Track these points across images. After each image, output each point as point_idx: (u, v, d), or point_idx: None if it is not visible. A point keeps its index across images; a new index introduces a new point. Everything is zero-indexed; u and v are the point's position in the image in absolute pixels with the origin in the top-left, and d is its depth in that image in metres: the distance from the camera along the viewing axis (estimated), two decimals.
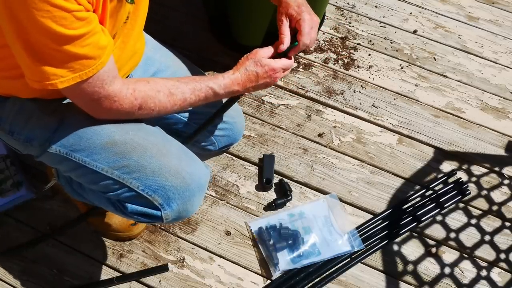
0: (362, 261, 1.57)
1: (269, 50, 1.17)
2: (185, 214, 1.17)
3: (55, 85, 0.91)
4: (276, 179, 1.71)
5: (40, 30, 0.84)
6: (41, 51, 0.87)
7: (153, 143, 1.12)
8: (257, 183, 1.70)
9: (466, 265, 1.60)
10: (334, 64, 2.07)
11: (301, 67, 2.04)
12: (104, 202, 1.18)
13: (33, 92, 1.08)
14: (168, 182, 1.10)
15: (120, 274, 1.48)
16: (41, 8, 0.81)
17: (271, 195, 1.68)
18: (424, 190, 1.72)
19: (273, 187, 1.69)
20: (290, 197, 1.65)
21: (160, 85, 1.08)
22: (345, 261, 1.55)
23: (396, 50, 2.15)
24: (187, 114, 1.36)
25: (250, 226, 1.59)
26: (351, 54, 2.11)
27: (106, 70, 0.95)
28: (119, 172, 1.09)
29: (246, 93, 1.23)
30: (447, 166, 1.81)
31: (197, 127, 1.31)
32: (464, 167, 1.82)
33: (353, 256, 1.56)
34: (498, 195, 1.76)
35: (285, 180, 1.70)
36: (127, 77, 1.23)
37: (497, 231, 1.68)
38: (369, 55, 2.12)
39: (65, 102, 1.13)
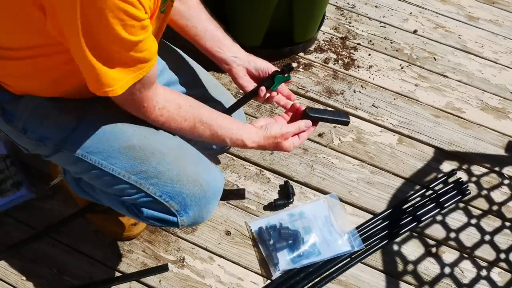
0: (362, 261, 1.56)
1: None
2: (199, 220, 1.17)
3: (114, 92, 0.91)
4: (281, 180, 1.71)
5: (111, 36, 0.84)
6: (109, 55, 0.87)
7: (170, 148, 1.12)
8: (257, 183, 1.70)
9: (466, 265, 1.60)
10: (334, 64, 2.07)
11: (301, 67, 2.04)
12: (118, 204, 1.17)
13: (53, 92, 1.06)
14: (186, 189, 1.10)
15: (120, 274, 1.48)
16: (116, 16, 0.81)
17: (271, 195, 1.68)
18: (424, 190, 1.72)
19: (279, 185, 1.69)
20: (291, 200, 1.65)
21: (190, 115, 1.08)
22: (345, 261, 1.55)
23: (396, 50, 2.15)
24: None
25: (250, 226, 1.59)
26: (351, 54, 2.11)
27: (151, 74, 0.95)
28: (136, 177, 1.09)
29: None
30: (447, 166, 1.81)
31: None
32: (464, 167, 1.82)
33: (353, 256, 1.56)
34: (498, 195, 1.76)
35: (290, 182, 1.69)
36: None
37: (497, 231, 1.68)
38: (369, 55, 2.12)
39: (83, 102, 1.10)
